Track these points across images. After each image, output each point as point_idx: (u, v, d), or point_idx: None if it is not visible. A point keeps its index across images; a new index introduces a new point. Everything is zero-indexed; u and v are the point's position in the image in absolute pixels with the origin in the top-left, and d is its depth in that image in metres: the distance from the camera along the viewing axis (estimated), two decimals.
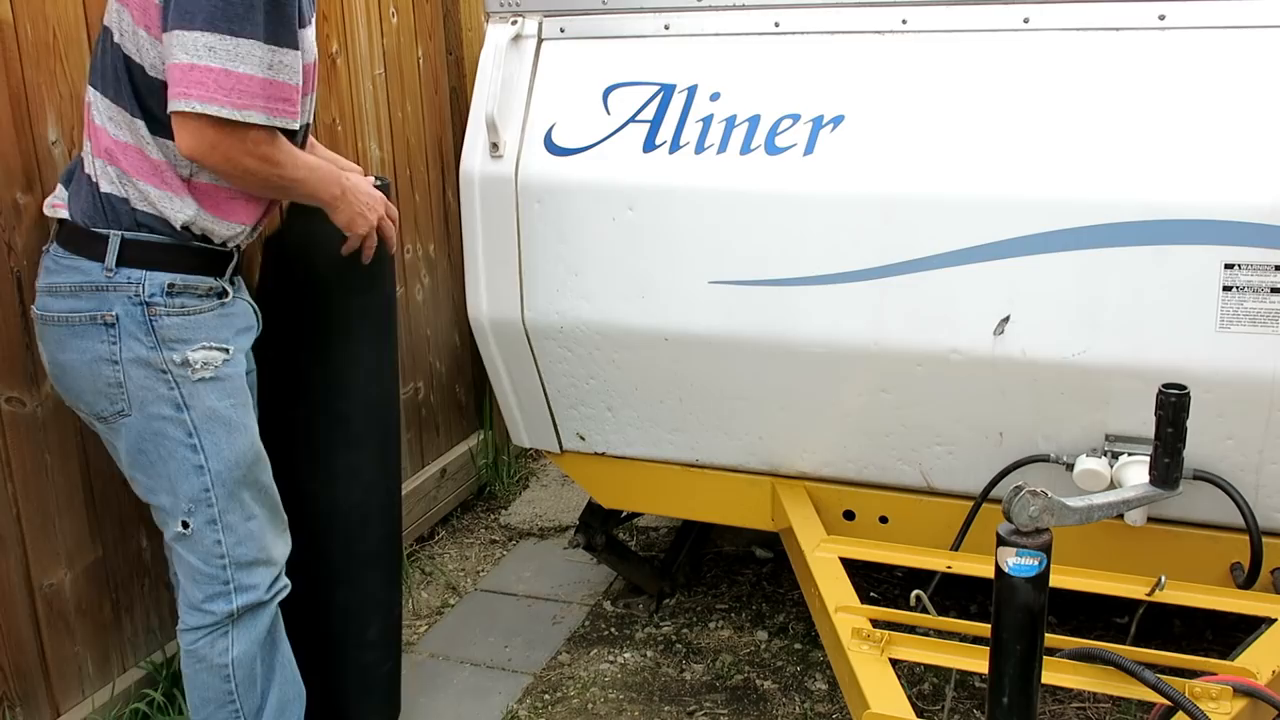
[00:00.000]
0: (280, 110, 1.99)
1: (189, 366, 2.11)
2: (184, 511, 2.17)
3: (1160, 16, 2.32)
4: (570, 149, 2.68)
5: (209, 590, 2.21)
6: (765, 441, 2.74)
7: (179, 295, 2.10)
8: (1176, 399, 2.15)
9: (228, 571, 2.20)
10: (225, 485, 2.17)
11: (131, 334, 2.08)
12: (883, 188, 2.45)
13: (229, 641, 2.24)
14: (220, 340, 2.15)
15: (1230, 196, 2.24)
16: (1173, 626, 3.05)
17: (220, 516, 2.18)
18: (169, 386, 2.10)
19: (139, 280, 2.07)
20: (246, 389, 2.22)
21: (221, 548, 2.19)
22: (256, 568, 2.23)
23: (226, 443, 2.16)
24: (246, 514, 2.21)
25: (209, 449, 2.15)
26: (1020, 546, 1.68)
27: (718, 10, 2.61)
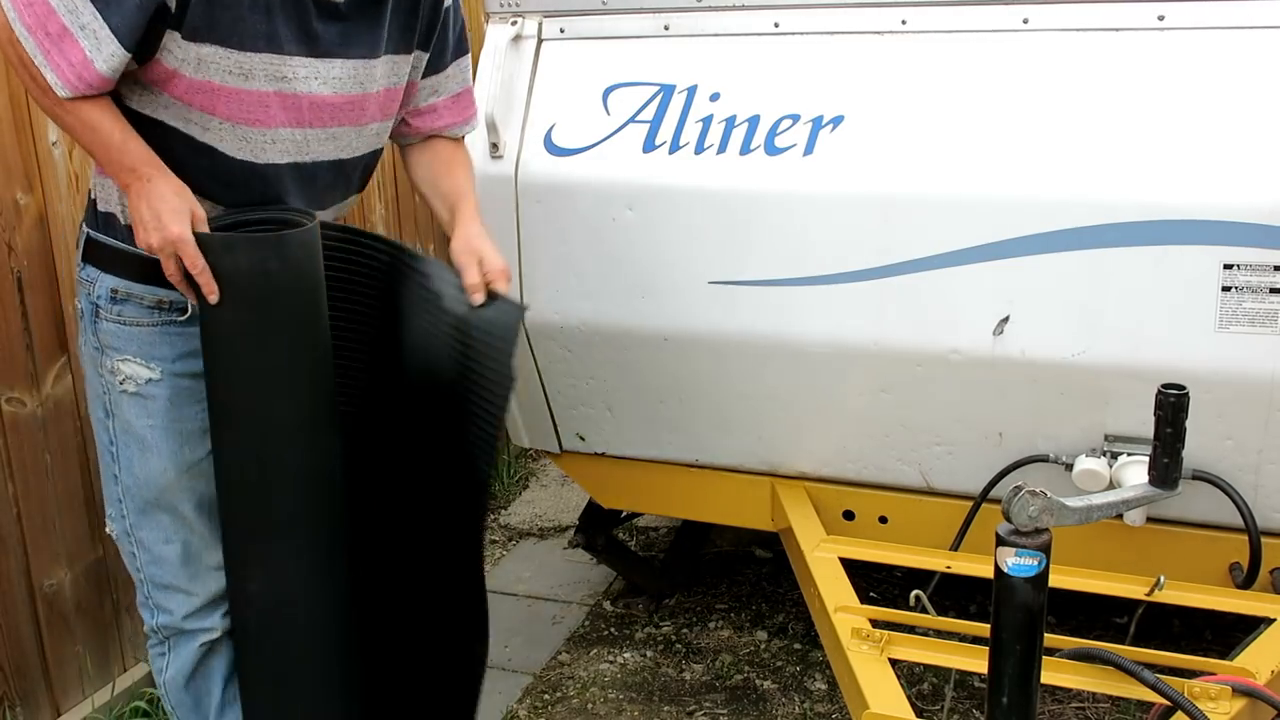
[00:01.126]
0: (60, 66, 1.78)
1: (116, 375, 2.03)
2: (107, 514, 2.13)
3: (1160, 17, 2.32)
4: (570, 149, 2.68)
5: (138, 597, 2.16)
6: (765, 441, 2.74)
7: (121, 303, 2.01)
8: (1176, 399, 2.14)
9: (145, 587, 2.13)
10: (136, 502, 2.07)
11: (85, 330, 2.06)
12: (883, 188, 2.45)
13: (165, 661, 2.17)
14: (151, 358, 2.02)
15: (1229, 197, 2.24)
16: (1172, 626, 3.06)
17: (133, 530, 2.10)
18: (103, 390, 2.06)
19: (93, 280, 2.03)
20: (180, 413, 2.05)
21: (136, 561, 2.12)
22: (172, 593, 2.11)
23: (139, 461, 2.05)
24: (163, 537, 2.09)
25: (123, 462, 2.07)
26: (1020, 546, 1.68)
27: (717, 10, 2.61)
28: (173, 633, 2.14)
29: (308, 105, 1.98)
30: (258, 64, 1.91)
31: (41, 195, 2.37)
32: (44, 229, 2.39)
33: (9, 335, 2.34)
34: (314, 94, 1.98)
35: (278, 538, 2.01)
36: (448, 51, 2.19)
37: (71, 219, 2.45)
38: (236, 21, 1.86)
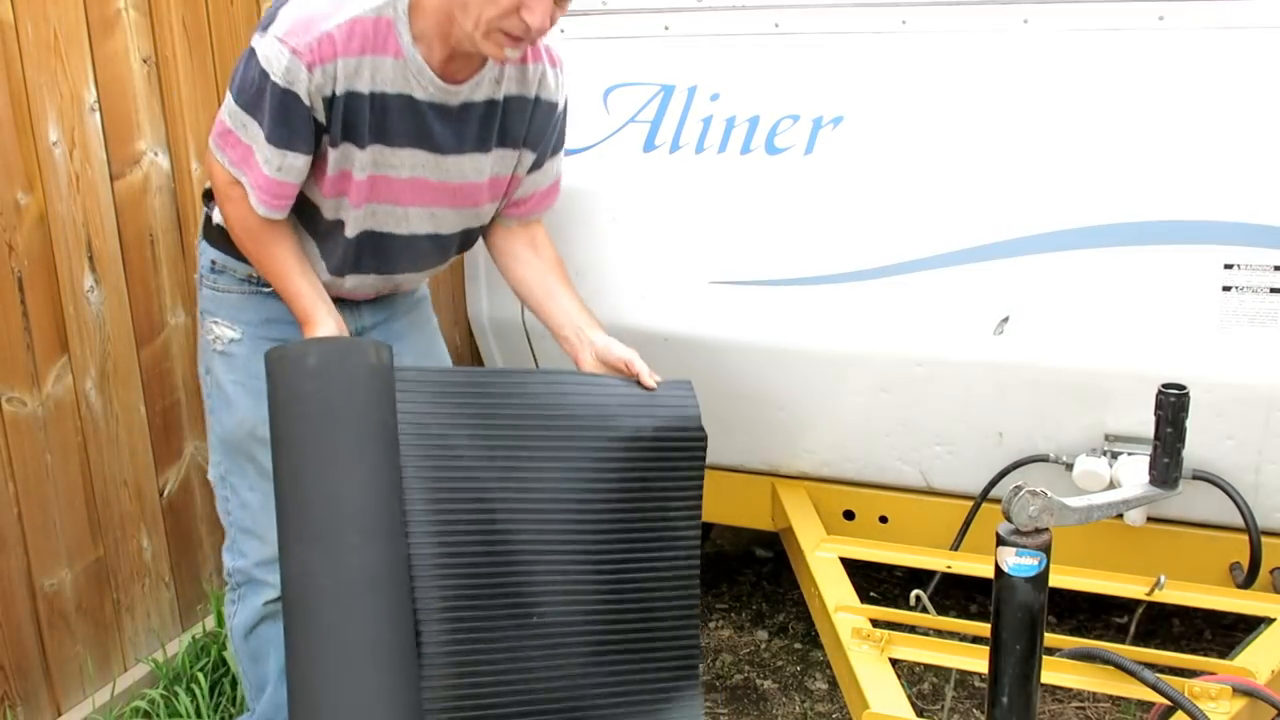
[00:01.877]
0: (262, 196, 2.04)
1: (209, 335, 2.26)
2: (210, 461, 2.35)
3: (1160, 17, 2.32)
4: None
5: (225, 542, 2.34)
6: (765, 441, 2.74)
7: (218, 273, 2.23)
8: (1176, 399, 2.15)
9: (232, 530, 2.31)
10: (226, 449, 2.27)
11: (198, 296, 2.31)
12: (883, 188, 2.45)
13: (234, 609, 2.35)
14: (236, 320, 2.22)
15: (1230, 196, 2.24)
16: (1172, 626, 3.06)
17: (226, 475, 2.29)
18: (203, 349, 2.29)
19: (202, 252, 2.27)
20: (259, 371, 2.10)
21: (228, 505, 2.30)
22: (251, 538, 2.28)
23: (225, 413, 2.25)
24: (248, 484, 2.26)
25: (215, 413, 2.28)
26: (1020, 546, 1.68)
27: (718, 11, 2.61)
28: (244, 579, 2.31)
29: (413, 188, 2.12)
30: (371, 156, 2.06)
31: (42, 195, 2.38)
32: (44, 229, 2.39)
33: (9, 335, 2.34)
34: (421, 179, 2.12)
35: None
36: (548, 151, 2.28)
37: (71, 219, 2.45)
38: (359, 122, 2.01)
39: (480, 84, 2.08)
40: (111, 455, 2.59)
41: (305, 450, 1.90)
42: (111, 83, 2.52)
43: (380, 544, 1.88)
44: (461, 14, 1.91)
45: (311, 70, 1.91)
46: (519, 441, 2.04)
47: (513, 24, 1.89)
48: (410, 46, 1.98)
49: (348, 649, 1.84)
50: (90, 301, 2.51)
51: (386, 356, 1.96)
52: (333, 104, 1.96)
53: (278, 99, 1.94)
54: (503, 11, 1.87)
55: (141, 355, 2.66)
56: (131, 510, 2.66)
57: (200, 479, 2.86)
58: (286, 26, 1.92)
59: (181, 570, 2.83)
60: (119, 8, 2.53)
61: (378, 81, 1.98)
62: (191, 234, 2.79)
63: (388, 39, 1.96)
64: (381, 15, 1.95)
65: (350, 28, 1.93)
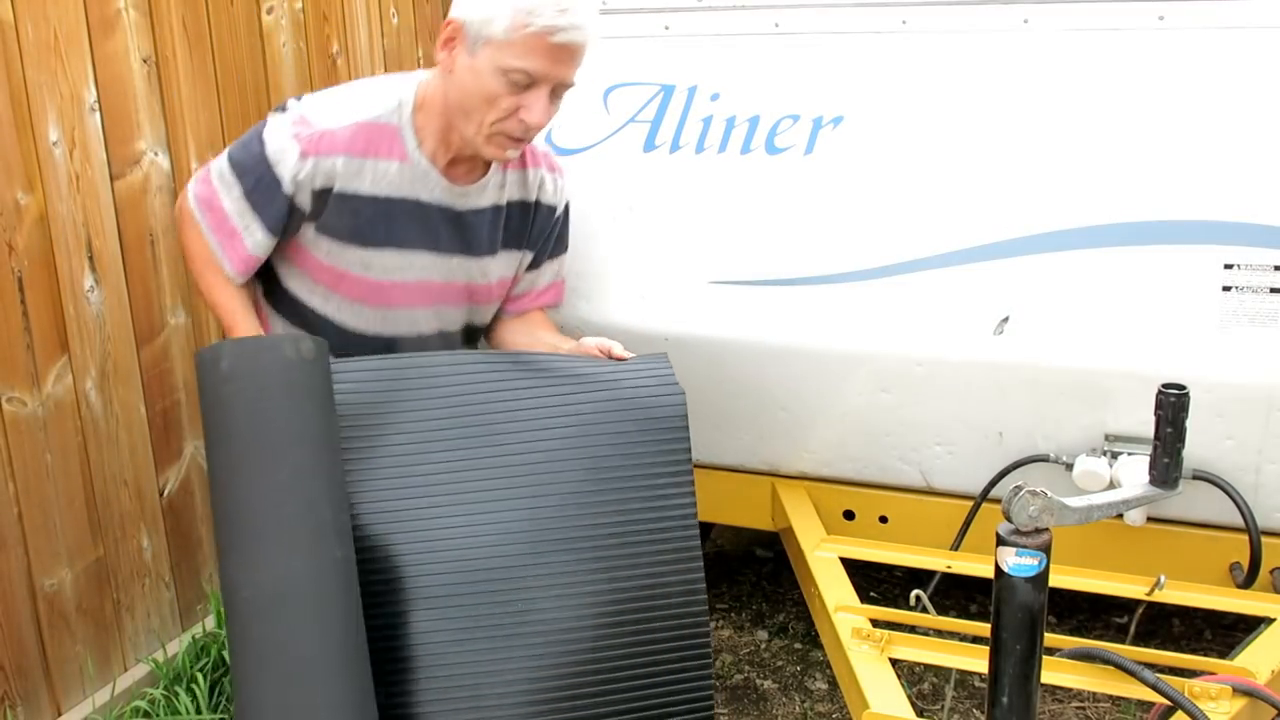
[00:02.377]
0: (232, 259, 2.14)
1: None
2: None
3: (1160, 17, 2.33)
4: (570, 149, 2.68)
5: None
6: (765, 441, 2.74)
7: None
8: (1176, 399, 2.15)
9: None
10: None
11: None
12: (883, 188, 2.45)
13: None
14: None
15: (1230, 196, 2.24)
16: (1172, 626, 3.06)
17: None
18: None
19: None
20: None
21: None
22: None
23: None
24: None
25: None
26: (1020, 546, 1.68)
27: (718, 11, 2.61)
28: None
29: (420, 290, 2.20)
30: (378, 258, 2.12)
31: (42, 195, 2.38)
32: (44, 229, 2.39)
33: (9, 335, 2.34)
34: (428, 281, 2.17)
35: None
36: (546, 253, 2.34)
37: (71, 219, 2.45)
38: (362, 224, 2.07)
39: (486, 189, 2.15)
40: (111, 455, 2.59)
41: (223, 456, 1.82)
42: (111, 83, 2.52)
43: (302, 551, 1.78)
44: (463, 121, 2.00)
45: (304, 158, 2.01)
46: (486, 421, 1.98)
47: (512, 126, 1.98)
48: (415, 151, 2.06)
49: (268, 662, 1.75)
50: (90, 301, 2.52)
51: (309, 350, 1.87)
52: (326, 198, 2.04)
53: (263, 171, 2.04)
54: (503, 114, 1.97)
55: (141, 355, 2.66)
56: (131, 510, 2.66)
57: (200, 479, 2.86)
58: (296, 116, 2.04)
59: (181, 570, 2.83)
60: (119, 8, 2.53)
61: (382, 185, 2.05)
62: None
63: (393, 144, 2.05)
64: (387, 122, 2.05)
65: (355, 130, 2.03)
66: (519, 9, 1.91)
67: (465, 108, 1.99)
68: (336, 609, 1.79)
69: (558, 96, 2.02)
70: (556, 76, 1.98)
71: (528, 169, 2.22)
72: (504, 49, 1.93)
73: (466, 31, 1.95)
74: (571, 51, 1.97)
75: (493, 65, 1.94)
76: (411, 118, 2.07)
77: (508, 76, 1.94)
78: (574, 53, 1.98)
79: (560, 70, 1.97)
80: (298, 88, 3.14)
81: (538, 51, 1.93)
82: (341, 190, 2.02)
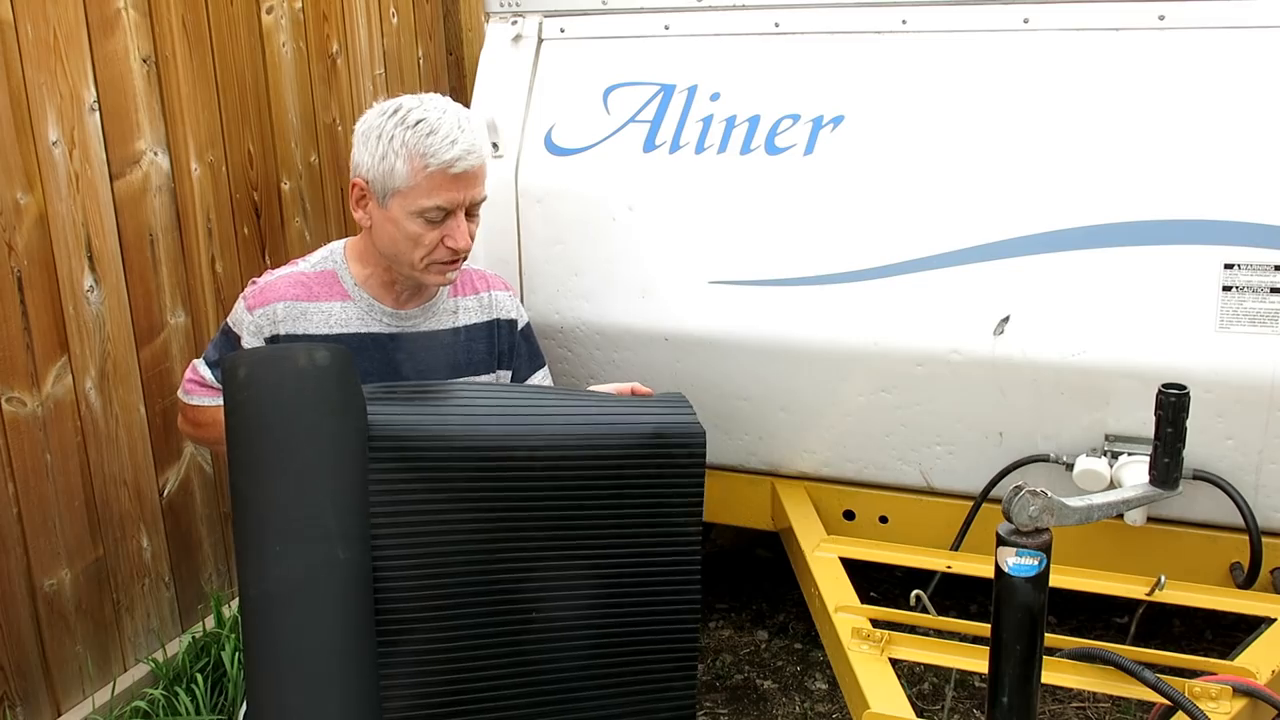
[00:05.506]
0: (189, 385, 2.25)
1: None
2: None
3: (1160, 16, 2.32)
4: (570, 149, 2.68)
5: None
6: (765, 441, 2.74)
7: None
8: (1176, 399, 2.15)
9: None
10: None
11: None
12: (883, 188, 2.45)
13: None
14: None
15: (1230, 196, 2.24)
16: (1172, 626, 3.06)
17: None
18: None
19: None
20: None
21: None
22: None
23: None
24: None
25: None
26: (1020, 546, 1.68)
27: (718, 10, 2.61)
28: None
29: None
30: None
31: (41, 195, 2.38)
32: (44, 229, 2.39)
33: (9, 335, 2.34)
34: None
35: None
36: (523, 368, 2.33)
37: (71, 219, 2.45)
38: None
39: (435, 312, 2.22)
40: (111, 455, 2.59)
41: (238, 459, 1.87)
42: (111, 83, 2.52)
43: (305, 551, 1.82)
44: (397, 264, 2.13)
45: (252, 312, 2.15)
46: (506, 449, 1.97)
47: (442, 254, 2.10)
48: (355, 289, 2.18)
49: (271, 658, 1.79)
50: (90, 301, 2.51)
51: (324, 359, 1.89)
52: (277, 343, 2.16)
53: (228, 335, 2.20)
54: (430, 249, 2.09)
55: (141, 355, 2.66)
56: (131, 510, 2.66)
57: (200, 479, 2.86)
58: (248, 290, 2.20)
59: (181, 570, 2.83)
60: (119, 8, 2.53)
61: (333, 324, 2.16)
62: (191, 234, 2.79)
63: (333, 286, 2.18)
64: (324, 269, 2.20)
65: (293, 279, 2.17)
66: (413, 154, 2.04)
67: (395, 253, 2.12)
68: (338, 609, 1.81)
69: (474, 214, 2.15)
70: (466, 200, 2.10)
71: (480, 293, 2.29)
72: (410, 194, 2.06)
73: (372, 188, 2.09)
74: (474, 175, 2.10)
75: (405, 211, 2.07)
76: (346, 263, 2.20)
77: (423, 216, 2.07)
78: (476, 174, 2.11)
79: (468, 194, 2.10)
80: (298, 87, 3.15)
81: (442, 186, 2.06)
82: (289, 333, 2.15)
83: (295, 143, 3.14)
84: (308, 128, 3.18)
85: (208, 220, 2.84)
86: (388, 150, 2.06)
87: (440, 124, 2.06)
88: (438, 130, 2.05)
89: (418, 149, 2.04)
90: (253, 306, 2.16)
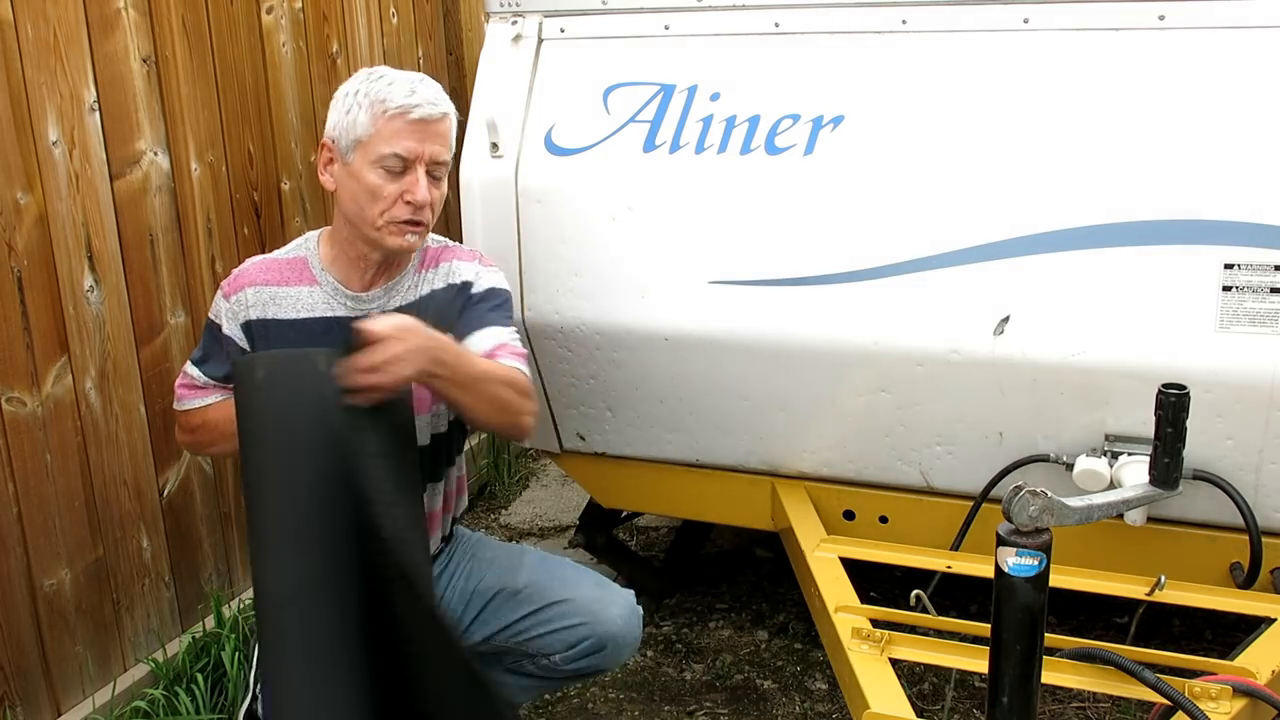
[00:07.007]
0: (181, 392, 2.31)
1: None
2: None
3: (1160, 17, 2.32)
4: (570, 149, 2.68)
5: None
6: (765, 441, 2.74)
7: None
8: (1176, 399, 2.15)
9: None
10: None
11: None
12: (883, 188, 2.45)
13: None
14: None
15: (1230, 196, 2.24)
16: (1172, 626, 3.06)
17: None
18: None
19: None
20: None
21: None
22: None
23: None
24: None
25: None
26: (1020, 546, 1.68)
27: (718, 10, 2.61)
28: None
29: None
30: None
31: (41, 195, 2.38)
32: (44, 229, 2.39)
33: (9, 335, 2.34)
34: None
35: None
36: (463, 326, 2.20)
37: (71, 219, 2.45)
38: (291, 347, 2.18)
39: (398, 291, 2.24)
40: (111, 455, 2.59)
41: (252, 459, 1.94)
42: (111, 82, 2.52)
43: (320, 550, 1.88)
44: (360, 224, 2.16)
45: (228, 299, 2.22)
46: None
47: (401, 210, 2.13)
48: (322, 273, 2.23)
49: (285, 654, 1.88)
50: (90, 301, 2.51)
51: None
52: (251, 329, 2.21)
53: (207, 328, 2.28)
54: (389, 203, 2.12)
55: (141, 355, 2.66)
56: (131, 510, 2.66)
57: (200, 479, 2.86)
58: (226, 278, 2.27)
59: (181, 570, 2.83)
60: (119, 7, 2.53)
61: (301, 309, 2.21)
62: (191, 234, 2.79)
63: (303, 272, 2.23)
64: (296, 255, 2.26)
65: (265, 265, 2.25)
66: (373, 101, 2.11)
67: (356, 211, 2.15)
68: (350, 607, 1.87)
69: (437, 177, 2.17)
70: (428, 154, 2.13)
71: (441, 264, 2.28)
72: (371, 143, 2.11)
73: (338, 145, 2.15)
74: (433, 127, 2.14)
75: (366, 161, 2.12)
76: (317, 248, 2.26)
77: (383, 165, 2.11)
78: (436, 128, 2.14)
79: (429, 147, 2.13)
80: (298, 87, 3.15)
81: (401, 133, 2.10)
82: (260, 318, 2.20)
83: (295, 143, 3.14)
84: (308, 128, 3.18)
85: (208, 220, 2.84)
86: (351, 104, 2.14)
87: (400, 77, 2.15)
88: (397, 82, 2.13)
89: (378, 96, 2.11)
90: (228, 294, 2.23)
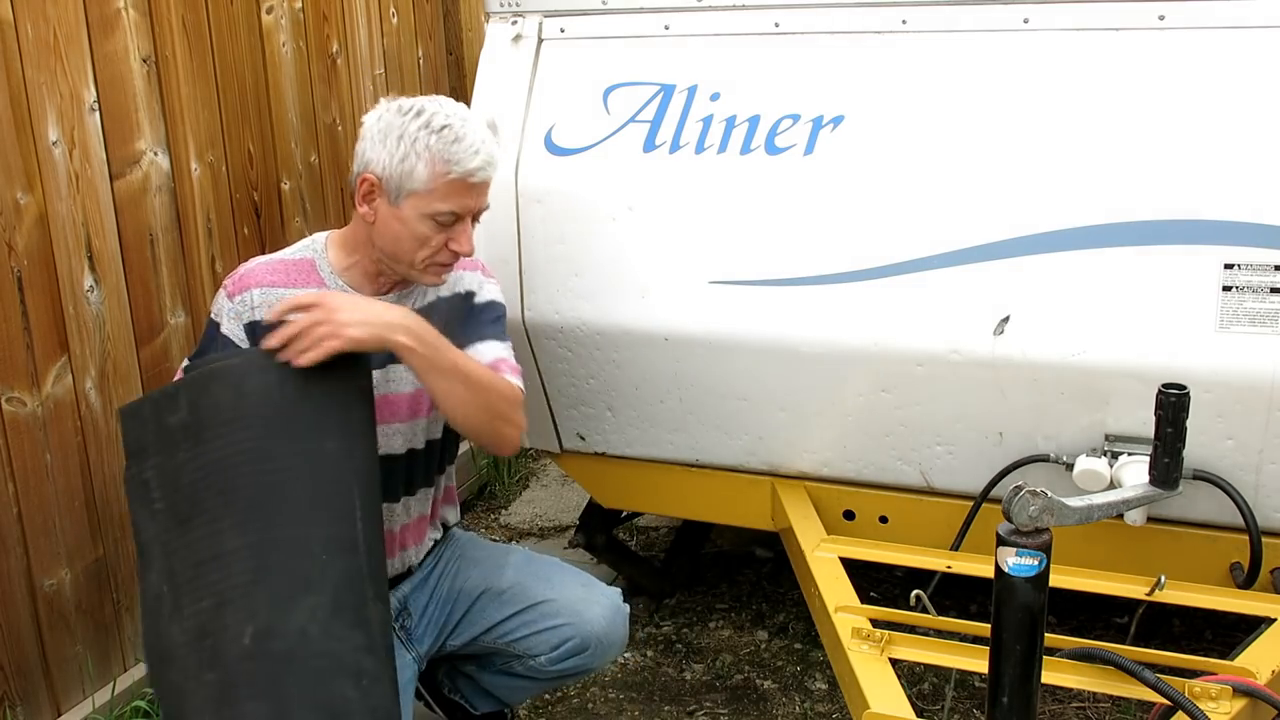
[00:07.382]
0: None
1: None
2: None
3: (1160, 17, 2.32)
4: (570, 149, 2.68)
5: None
6: (765, 441, 2.74)
7: None
8: (1176, 399, 2.15)
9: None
10: None
11: None
12: (883, 188, 2.45)
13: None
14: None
15: (1230, 196, 2.24)
16: (1172, 626, 3.06)
17: None
18: None
19: None
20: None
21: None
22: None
23: None
24: None
25: None
26: (1020, 546, 1.68)
27: (718, 10, 2.61)
28: None
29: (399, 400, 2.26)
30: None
31: (41, 195, 2.38)
32: (44, 229, 2.39)
33: (9, 335, 2.34)
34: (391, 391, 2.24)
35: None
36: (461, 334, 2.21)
37: (71, 219, 2.45)
38: None
39: (405, 299, 2.23)
40: (111, 455, 2.59)
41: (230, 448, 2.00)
42: (111, 82, 2.52)
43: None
44: (394, 262, 2.17)
45: (232, 299, 2.18)
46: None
47: (445, 256, 2.16)
48: (331, 277, 2.21)
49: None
50: (90, 301, 2.51)
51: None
52: (255, 330, 2.14)
53: (206, 327, 2.23)
54: (436, 250, 2.14)
55: (141, 355, 2.66)
56: None
57: None
58: (229, 276, 2.23)
59: None
60: (119, 7, 2.53)
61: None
62: (191, 234, 2.79)
63: (309, 275, 2.20)
64: (303, 257, 2.23)
65: (272, 266, 2.21)
66: (437, 159, 2.08)
67: (396, 251, 2.15)
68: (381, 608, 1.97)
69: (477, 220, 2.20)
70: (477, 208, 2.17)
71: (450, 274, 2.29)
72: (427, 197, 2.10)
73: (386, 186, 2.11)
74: (487, 184, 2.17)
75: (418, 213, 2.11)
76: (325, 252, 2.24)
77: (435, 219, 2.11)
78: (489, 184, 2.18)
79: (479, 202, 2.17)
80: (298, 87, 3.15)
81: (458, 193, 2.11)
82: (264, 320, 2.13)
83: (295, 143, 3.14)
84: (308, 128, 3.18)
85: (208, 220, 2.84)
86: (409, 152, 2.08)
87: (465, 133, 2.10)
88: (463, 139, 2.09)
89: (442, 154, 2.08)
90: (232, 294, 2.19)
